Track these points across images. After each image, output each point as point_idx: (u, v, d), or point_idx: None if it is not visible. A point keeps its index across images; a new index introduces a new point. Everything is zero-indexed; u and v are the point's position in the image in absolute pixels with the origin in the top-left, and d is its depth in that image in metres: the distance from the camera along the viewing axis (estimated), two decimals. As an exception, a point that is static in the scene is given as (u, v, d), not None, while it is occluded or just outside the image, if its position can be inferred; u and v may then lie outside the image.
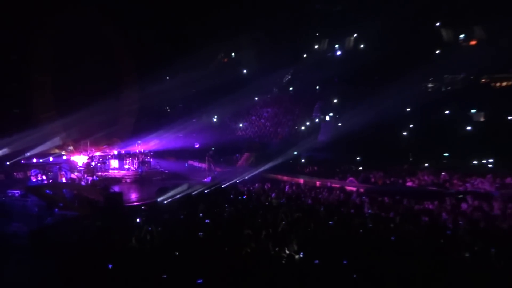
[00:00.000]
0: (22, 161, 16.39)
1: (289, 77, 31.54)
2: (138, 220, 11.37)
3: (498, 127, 21.41)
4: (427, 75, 26.68)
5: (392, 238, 8.65)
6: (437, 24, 27.56)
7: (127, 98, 24.19)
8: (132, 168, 20.91)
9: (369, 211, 11.74)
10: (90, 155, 17.76)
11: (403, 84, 24.31)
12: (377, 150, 21.88)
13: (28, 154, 17.13)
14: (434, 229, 9.22)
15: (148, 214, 12.23)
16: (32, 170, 15.12)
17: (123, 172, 20.36)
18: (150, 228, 10.15)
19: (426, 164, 21.45)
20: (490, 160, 20.93)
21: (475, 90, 24.75)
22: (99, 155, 18.18)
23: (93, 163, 16.46)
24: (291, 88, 31.59)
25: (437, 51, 27.31)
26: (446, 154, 21.81)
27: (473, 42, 26.94)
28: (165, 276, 6.96)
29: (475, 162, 21.48)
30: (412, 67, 24.88)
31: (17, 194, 13.52)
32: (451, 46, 27.22)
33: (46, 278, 7.63)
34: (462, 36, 27.34)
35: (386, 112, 23.09)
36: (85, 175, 15.62)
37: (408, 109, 24.95)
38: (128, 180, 19.66)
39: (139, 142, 22.97)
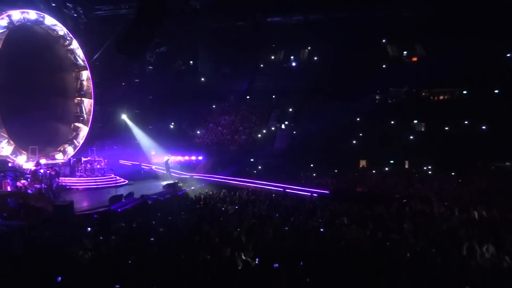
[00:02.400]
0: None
1: (246, 86, 32.00)
2: (89, 229, 11.02)
3: (437, 136, 23.26)
4: (374, 88, 28.38)
5: (343, 242, 9.11)
6: (383, 40, 29.45)
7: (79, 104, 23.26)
8: (85, 176, 20.14)
9: (322, 216, 12.22)
10: (38, 162, 16.84)
11: (353, 95, 25.70)
12: (330, 157, 22.84)
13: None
14: (381, 232, 9.83)
15: (100, 223, 11.86)
16: (-27, 179, 14.10)
17: (74, 179, 19.52)
18: (102, 237, 9.90)
19: (373, 171, 22.72)
20: (430, 167, 22.64)
21: (417, 102, 26.73)
22: (48, 162, 17.27)
23: (41, 171, 15.63)
24: (248, 97, 32.04)
25: (384, 66, 29.16)
26: (391, 161, 23.25)
27: (414, 59, 29.12)
28: (118, 286, 6.85)
29: (416, 169, 23.15)
30: (361, 80, 26.43)
31: (-45, 204, 12.50)
32: (396, 61, 29.22)
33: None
34: (405, 52, 29.46)
35: (338, 121, 24.22)
36: (33, 183, 14.78)
37: (358, 119, 26.33)
38: (79, 188, 18.88)
39: (92, 148, 22.20)
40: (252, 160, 24.69)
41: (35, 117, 19.55)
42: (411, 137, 24.28)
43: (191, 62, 33.30)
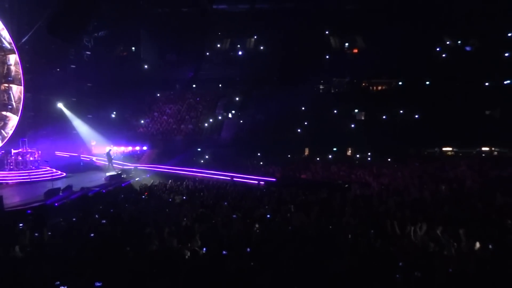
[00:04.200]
0: None
1: (192, 74, 31.39)
2: (20, 225, 10.25)
3: (375, 125, 24.70)
4: (318, 78, 29.29)
5: (289, 228, 9.37)
6: (326, 32, 30.41)
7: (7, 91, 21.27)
8: (16, 169, 18.58)
9: (268, 202, 12.45)
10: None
11: (298, 85, 26.33)
12: (276, 145, 23.29)
13: None
14: (324, 216, 10.25)
15: (34, 219, 11.09)
16: None
17: (4, 173, 17.94)
18: (37, 234, 9.27)
19: (318, 158, 23.58)
20: (369, 154, 24.03)
21: (358, 92, 28.10)
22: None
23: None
24: (194, 85, 31.46)
25: (327, 56, 30.17)
26: (334, 149, 24.28)
27: (355, 50, 30.48)
28: (58, 283, 6.48)
29: (357, 155, 24.44)
30: (306, 70, 27.12)
31: None
32: (339, 52, 30.36)
33: None
34: (347, 44, 30.70)
35: (283, 110, 24.71)
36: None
37: (302, 108, 27.06)
38: (9, 182, 17.40)
39: (24, 139, 20.48)
40: (199, 149, 24.41)
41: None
42: (353, 125, 25.52)
43: (133, 48, 31.81)
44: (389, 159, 22.20)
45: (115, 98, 28.16)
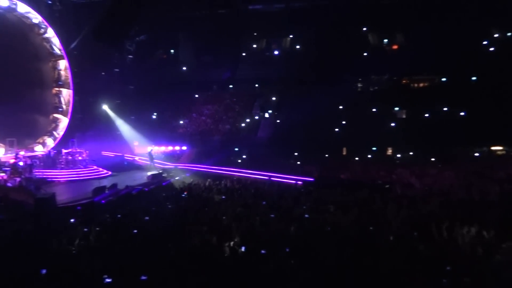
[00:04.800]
0: None
1: (229, 75, 31.79)
2: (72, 221, 10.87)
3: (417, 123, 23.77)
4: (356, 76, 28.63)
5: (328, 228, 9.27)
6: (364, 29, 29.65)
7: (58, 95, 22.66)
8: (66, 168, 19.74)
9: (307, 203, 12.38)
10: (17, 155, 16.40)
11: (335, 84, 25.89)
12: (313, 145, 23.05)
13: None
14: (364, 217, 10.04)
15: (84, 215, 11.72)
16: (-50, 173, 13.66)
17: (56, 171, 19.11)
18: (86, 229, 9.79)
19: (356, 158, 23.08)
20: (411, 153, 23.18)
21: (398, 90, 27.16)
22: (28, 155, 16.85)
23: (20, 163, 15.24)
24: (231, 86, 31.84)
25: (365, 54, 29.43)
26: (374, 148, 23.65)
27: (395, 46, 29.48)
28: (106, 276, 6.82)
29: (398, 155, 23.66)
30: (343, 68, 26.61)
31: None
32: (377, 49, 29.50)
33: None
34: (385, 40, 29.77)
35: (320, 109, 24.40)
36: (12, 176, 14.42)
37: (340, 107, 26.58)
38: (61, 180, 18.50)
39: (73, 140, 21.74)
40: (236, 149, 24.67)
41: (12, 109, 18.97)
42: (393, 124, 24.72)
43: (172, 51, 32.73)
44: (432, 159, 21.29)
45: (156, 99, 29.12)
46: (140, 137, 25.70)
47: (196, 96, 31.42)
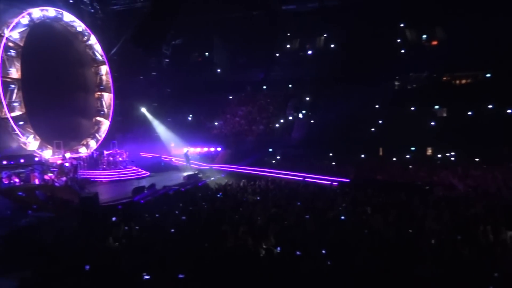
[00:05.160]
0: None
1: (263, 75, 31.89)
2: (114, 219, 11.32)
3: (459, 122, 22.65)
4: (393, 74, 27.76)
5: (365, 230, 9.06)
6: (402, 25, 28.70)
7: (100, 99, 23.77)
8: (108, 168, 20.64)
9: (343, 204, 12.17)
10: (63, 156, 17.37)
11: (371, 82, 25.25)
12: (349, 145, 22.60)
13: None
14: (403, 219, 9.73)
15: (124, 213, 12.17)
16: (3, 172, 14.66)
17: (98, 172, 20.04)
18: (127, 227, 10.17)
19: (394, 159, 22.38)
20: (453, 153, 22.15)
21: (438, 87, 26.03)
22: (72, 156, 17.80)
23: (66, 164, 16.12)
24: (264, 87, 31.93)
25: (402, 51, 28.47)
26: (412, 148, 22.83)
27: (434, 42, 28.29)
28: (145, 273, 7.04)
29: (439, 155, 22.68)
30: (379, 66, 25.89)
31: (-13, 197, 13.06)
32: (415, 45, 28.45)
33: (21, 281, 7.52)
34: (424, 36, 28.64)
35: (356, 109, 23.90)
36: (59, 176, 15.28)
37: (376, 106, 25.89)
38: (103, 180, 19.37)
39: (114, 141, 22.70)
40: (270, 150, 24.69)
41: (58, 112, 20.14)
42: (433, 123, 23.73)
43: (206, 53, 33.33)
44: (477, 159, 20.24)
45: (191, 101, 29.75)
46: (176, 139, 26.36)
47: (230, 97, 31.77)
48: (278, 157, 24.20)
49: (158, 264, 7.32)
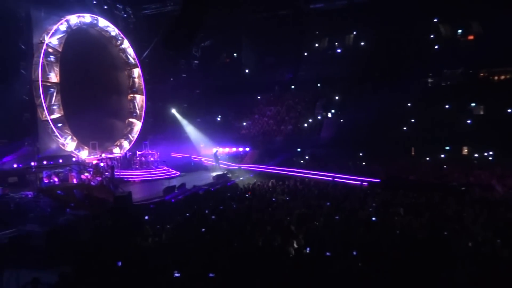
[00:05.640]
0: (33, 163, 16.75)
1: (291, 75, 31.76)
2: (146, 218, 11.64)
3: (498, 120, 21.57)
4: (426, 70, 26.84)
5: (397, 231, 8.85)
6: (435, 20, 27.72)
7: (132, 101, 24.53)
8: (140, 168, 21.25)
9: (373, 204, 11.94)
10: (99, 157, 18.09)
11: (403, 80, 24.55)
12: (379, 145, 22.08)
13: (40, 156, 17.56)
14: (437, 221, 9.42)
15: (156, 212, 12.50)
16: (44, 172, 15.47)
17: (131, 171, 20.68)
18: (159, 226, 10.43)
19: (427, 158, 21.65)
20: (491, 153, 21.14)
21: (474, 84, 24.91)
22: (107, 156, 18.49)
23: (101, 164, 16.76)
24: (293, 86, 31.79)
25: (436, 47, 27.48)
26: (447, 148, 21.99)
27: (470, 37, 27.11)
28: (176, 271, 7.19)
29: (476, 155, 21.71)
30: (411, 63, 25.11)
31: (30, 196, 13.83)
32: (449, 41, 27.38)
33: (60, 276, 7.89)
34: (459, 31, 27.51)
35: (387, 107, 23.31)
36: (95, 176, 15.92)
37: (408, 104, 25.14)
38: (136, 180, 19.96)
39: (146, 142, 23.35)
40: (299, 149, 24.54)
41: (94, 114, 20.98)
42: (469, 121, 22.77)
43: (235, 54, 33.61)
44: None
45: (220, 102, 30.09)
46: (206, 139, 26.74)
47: (259, 97, 31.86)
48: (307, 157, 24.01)
49: (188, 262, 7.47)
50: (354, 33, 30.97)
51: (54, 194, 13.30)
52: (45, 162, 16.72)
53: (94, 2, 21.98)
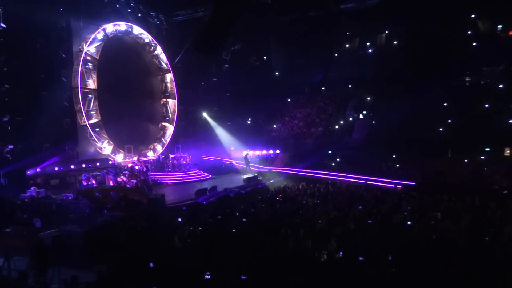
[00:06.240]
0: (73, 167, 17.58)
1: (321, 76, 31.41)
2: (179, 219, 11.89)
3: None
4: (463, 69, 25.70)
5: (434, 236, 8.55)
6: (472, 16, 26.52)
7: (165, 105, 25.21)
8: (172, 171, 21.74)
9: (408, 208, 11.59)
10: (134, 160, 18.69)
11: (439, 79, 23.66)
12: (414, 146, 21.36)
13: (79, 159, 18.41)
14: (477, 226, 9.01)
15: (188, 214, 12.74)
16: (83, 175, 16.20)
17: (164, 174, 21.21)
18: (191, 228, 10.62)
19: (466, 160, 20.72)
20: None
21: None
22: (141, 160, 19.09)
23: (136, 167, 17.31)
24: (323, 88, 31.43)
25: (474, 43, 26.28)
26: (487, 149, 20.95)
27: (511, 32, 25.70)
28: (208, 273, 7.28)
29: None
30: (447, 61, 24.14)
31: (70, 197, 14.52)
32: (488, 37, 26.08)
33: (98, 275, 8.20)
34: (499, 26, 26.15)
35: (422, 107, 22.53)
36: (130, 178, 16.47)
37: (445, 104, 24.19)
38: (168, 182, 20.44)
39: (178, 145, 23.87)
40: (330, 152, 24.21)
41: (129, 119, 21.73)
42: (511, 121, 21.59)
43: (264, 57, 33.68)
44: None
45: (250, 105, 30.22)
46: (236, 142, 26.96)
47: (289, 100, 31.74)
48: (338, 159, 23.63)
49: (219, 264, 7.56)
50: (386, 32, 30.21)
51: (92, 196, 13.87)
52: (83, 165, 17.50)
53: (129, 10, 22.79)
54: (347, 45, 32.13)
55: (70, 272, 8.58)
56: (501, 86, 23.50)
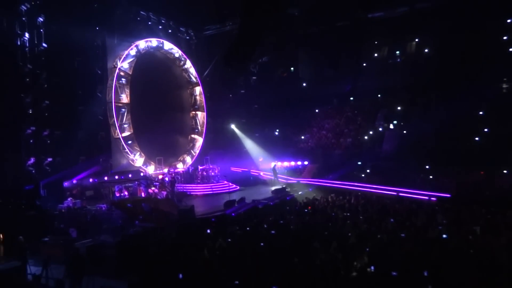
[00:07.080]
0: (106, 178, 18.19)
1: (350, 87, 31.03)
2: (208, 231, 11.96)
3: None
4: (499, 76, 24.64)
5: (471, 251, 8.16)
6: (508, 20, 25.50)
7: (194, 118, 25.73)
8: (202, 183, 22.02)
9: (444, 221, 11.14)
10: (164, 172, 19.11)
11: (473, 87, 22.79)
12: (448, 157, 20.59)
13: (112, 171, 19.06)
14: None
15: (217, 226, 12.80)
16: (116, 186, 16.74)
17: (193, 186, 21.52)
18: (220, 239, 10.66)
19: (504, 171, 19.72)
20: None
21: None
22: (171, 171, 19.46)
23: (166, 179, 17.67)
24: (352, 98, 31.02)
25: (510, 49, 25.19)
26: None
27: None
28: (237, 282, 7.26)
29: None
30: (482, 68, 23.24)
31: (104, 208, 15.00)
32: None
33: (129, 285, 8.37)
34: None
35: (455, 116, 21.76)
36: (161, 190, 16.82)
37: (480, 112, 23.24)
38: (198, 193, 20.70)
39: (207, 157, 24.21)
40: (359, 163, 23.73)
41: (160, 131, 22.33)
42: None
43: (292, 68, 33.74)
44: None
45: (278, 116, 30.27)
46: (264, 153, 26.98)
47: (317, 110, 31.53)
48: (368, 171, 23.10)
49: (249, 276, 7.53)
50: (416, 40, 29.56)
51: (124, 206, 14.26)
52: (116, 177, 18.07)
53: (160, 27, 23.62)
54: (376, 54, 31.66)
55: (103, 281, 8.85)
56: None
